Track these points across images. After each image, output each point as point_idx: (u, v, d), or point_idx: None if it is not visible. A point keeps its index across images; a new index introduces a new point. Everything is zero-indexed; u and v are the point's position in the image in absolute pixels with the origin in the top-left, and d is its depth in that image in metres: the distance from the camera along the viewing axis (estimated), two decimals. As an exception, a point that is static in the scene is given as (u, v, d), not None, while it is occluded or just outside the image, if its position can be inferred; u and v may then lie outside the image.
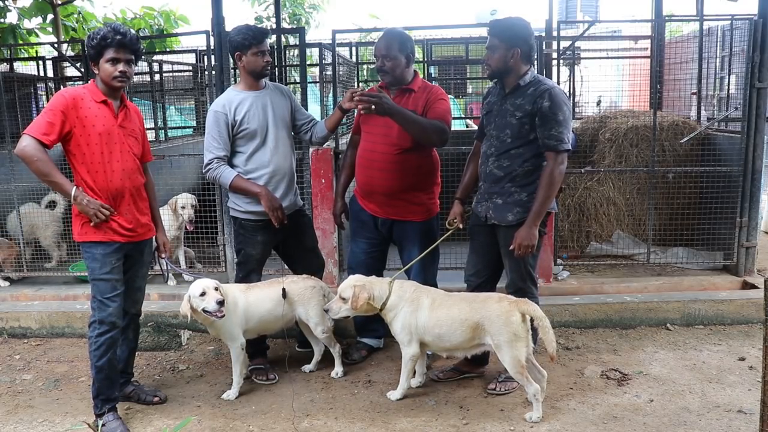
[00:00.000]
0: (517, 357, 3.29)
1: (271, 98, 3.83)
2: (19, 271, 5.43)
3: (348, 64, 6.90)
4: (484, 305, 3.36)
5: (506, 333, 3.29)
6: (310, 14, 15.43)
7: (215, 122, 3.71)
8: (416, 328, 3.46)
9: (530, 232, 3.39)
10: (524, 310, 3.33)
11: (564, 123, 3.33)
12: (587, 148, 6.16)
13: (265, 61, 3.71)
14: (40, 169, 3.07)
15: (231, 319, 3.63)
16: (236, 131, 3.73)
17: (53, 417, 3.56)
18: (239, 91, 3.79)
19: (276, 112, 3.82)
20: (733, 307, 4.62)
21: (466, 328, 3.36)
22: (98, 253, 3.24)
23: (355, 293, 3.45)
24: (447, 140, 3.75)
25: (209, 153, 3.74)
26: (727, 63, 6.55)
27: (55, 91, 8.25)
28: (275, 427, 3.37)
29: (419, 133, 3.65)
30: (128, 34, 3.15)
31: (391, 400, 3.60)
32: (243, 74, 3.78)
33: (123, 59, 3.16)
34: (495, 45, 3.42)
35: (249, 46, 3.65)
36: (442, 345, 3.47)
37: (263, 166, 3.77)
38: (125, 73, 3.18)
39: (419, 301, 3.47)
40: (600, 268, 5.43)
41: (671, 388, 3.68)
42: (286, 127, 3.89)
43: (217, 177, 3.74)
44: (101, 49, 3.13)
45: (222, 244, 5.09)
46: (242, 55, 3.68)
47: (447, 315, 3.40)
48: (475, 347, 3.45)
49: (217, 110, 3.72)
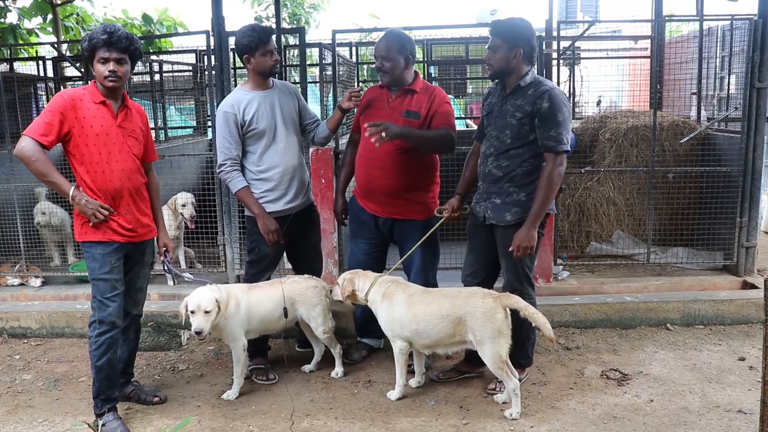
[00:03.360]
0: (498, 353, 3.32)
1: (279, 97, 3.85)
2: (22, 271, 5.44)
3: (348, 64, 6.89)
4: (468, 301, 3.37)
5: (490, 329, 3.31)
6: (310, 14, 15.42)
7: (225, 123, 3.72)
8: (393, 322, 3.50)
9: (529, 233, 3.39)
10: (507, 304, 3.36)
11: (563, 124, 3.33)
12: (587, 148, 6.17)
13: (274, 60, 3.74)
14: (38, 170, 3.08)
15: (233, 320, 3.63)
16: (245, 131, 3.74)
17: (53, 417, 3.56)
18: (247, 90, 3.80)
19: (284, 111, 3.84)
20: (733, 307, 4.62)
21: (447, 324, 3.38)
22: (98, 252, 3.24)
23: (343, 285, 3.65)
24: (455, 147, 3.79)
25: (222, 154, 3.75)
26: (727, 63, 6.55)
27: (55, 91, 8.25)
28: (275, 427, 3.37)
29: (430, 147, 3.77)
30: (115, 33, 3.13)
31: (391, 399, 3.61)
32: (252, 74, 3.79)
33: (112, 58, 3.14)
34: (497, 45, 3.42)
35: (257, 47, 3.66)
36: (421, 341, 3.50)
37: (274, 166, 3.80)
38: (115, 73, 3.15)
39: (394, 297, 3.51)
40: (600, 268, 5.44)
41: (671, 388, 3.68)
42: (294, 125, 3.91)
43: (227, 181, 3.78)
44: (92, 50, 3.14)
45: (222, 244, 5.09)
46: (251, 57, 3.70)
47: (424, 311, 3.42)
48: (457, 344, 3.47)
49: (227, 110, 3.73)
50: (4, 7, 9.56)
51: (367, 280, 3.63)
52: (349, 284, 3.64)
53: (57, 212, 5.66)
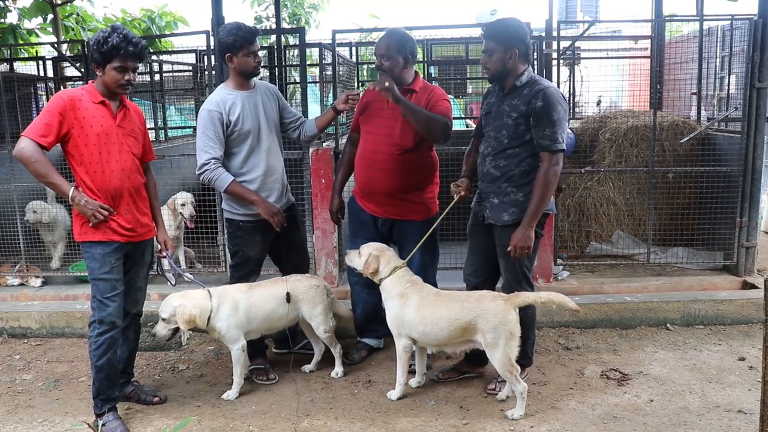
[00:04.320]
0: (508, 355, 3.31)
1: (262, 98, 3.81)
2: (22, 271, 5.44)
3: (348, 64, 6.89)
4: (479, 304, 3.36)
5: (503, 331, 3.30)
6: (310, 14, 15.42)
7: (210, 121, 3.64)
8: (402, 322, 3.49)
9: (526, 233, 3.39)
10: (518, 304, 3.35)
11: (558, 123, 3.33)
12: (587, 148, 6.16)
13: (257, 62, 3.69)
14: (38, 171, 3.08)
15: (231, 322, 3.62)
16: (230, 132, 3.68)
17: (53, 417, 3.56)
18: (231, 90, 3.75)
19: (267, 113, 3.81)
20: (733, 307, 4.62)
21: (455, 328, 3.37)
22: (97, 252, 3.24)
23: (368, 260, 3.58)
24: (449, 136, 3.74)
25: (205, 153, 3.65)
26: (727, 63, 6.54)
27: (55, 91, 8.25)
28: (275, 427, 3.37)
29: (423, 123, 3.62)
30: (139, 45, 3.17)
31: (392, 399, 3.61)
32: (233, 74, 3.74)
33: (131, 68, 3.18)
34: (492, 48, 3.41)
35: (240, 47, 3.61)
36: (428, 341, 3.51)
37: (257, 168, 3.76)
38: (131, 81, 3.21)
39: (408, 298, 3.50)
40: (600, 268, 5.43)
41: (671, 388, 3.68)
42: (275, 127, 3.89)
43: (213, 179, 3.67)
44: (110, 56, 3.13)
45: (222, 244, 5.09)
46: (233, 57, 3.65)
47: (432, 314, 3.41)
48: (464, 343, 3.48)
49: (212, 109, 3.65)
50: (4, 7, 9.56)
51: (387, 268, 3.58)
52: (375, 261, 3.57)
53: (49, 210, 5.57)
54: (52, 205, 5.63)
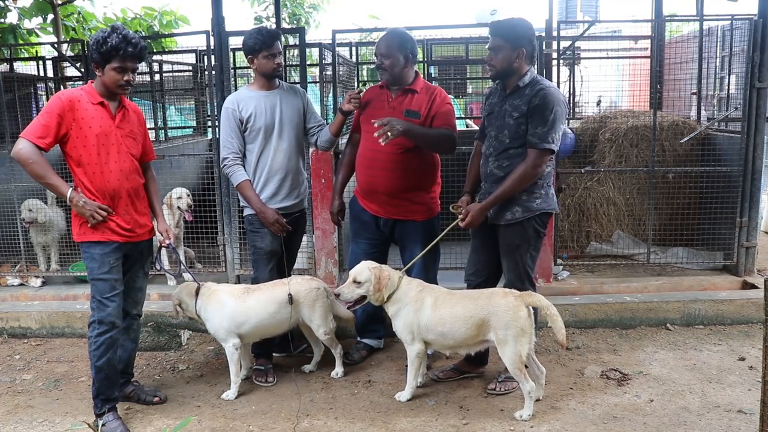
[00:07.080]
0: (519, 353, 3.30)
1: (282, 98, 3.91)
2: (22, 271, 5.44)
3: (348, 64, 6.89)
4: (490, 301, 3.36)
5: (513, 328, 3.29)
6: (310, 14, 15.41)
7: (227, 119, 3.84)
8: (419, 327, 3.46)
9: (481, 210, 3.45)
10: (530, 302, 3.35)
11: (551, 123, 3.33)
12: (587, 148, 6.16)
13: (276, 63, 3.81)
14: (36, 172, 3.07)
15: (215, 320, 3.68)
16: (244, 128, 3.84)
17: (53, 417, 3.56)
18: (250, 90, 3.91)
19: (284, 112, 3.88)
20: (733, 307, 4.62)
21: (471, 326, 3.36)
22: (97, 253, 3.24)
23: (375, 274, 3.45)
24: (456, 146, 3.80)
25: (225, 149, 3.86)
26: (727, 63, 6.54)
27: (55, 91, 8.24)
28: (275, 427, 3.37)
29: (432, 145, 3.79)
30: (139, 46, 3.17)
31: (401, 401, 3.59)
32: (256, 75, 3.91)
33: (131, 68, 3.19)
34: (499, 45, 3.41)
35: (260, 50, 3.75)
36: (445, 343, 3.48)
37: (266, 166, 3.86)
38: (130, 82, 3.22)
39: (423, 302, 3.47)
40: (600, 268, 5.43)
41: (671, 388, 3.68)
42: (294, 127, 3.94)
43: (229, 174, 3.88)
44: (110, 56, 3.13)
45: (222, 244, 5.09)
46: (254, 58, 3.80)
47: (450, 313, 3.40)
48: (478, 344, 3.46)
49: (227, 106, 3.86)
50: (4, 7, 9.55)
51: (394, 278, 3.49)
52: (384, 271, 3.47)
53: (45, 210, 5.49)
54: (51, 208, 5.57)
